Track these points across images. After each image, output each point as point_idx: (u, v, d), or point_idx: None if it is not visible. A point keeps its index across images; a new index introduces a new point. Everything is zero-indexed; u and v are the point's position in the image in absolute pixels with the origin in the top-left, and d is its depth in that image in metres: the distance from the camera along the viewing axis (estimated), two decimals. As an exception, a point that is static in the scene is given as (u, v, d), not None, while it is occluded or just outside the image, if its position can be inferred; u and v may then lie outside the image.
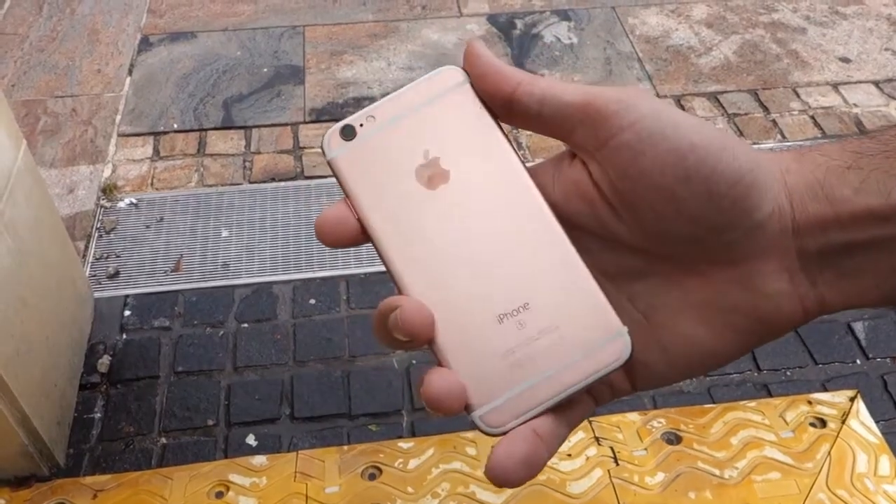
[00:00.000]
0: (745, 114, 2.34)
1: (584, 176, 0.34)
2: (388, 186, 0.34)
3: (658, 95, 2.40)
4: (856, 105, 2.38)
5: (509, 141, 0.35)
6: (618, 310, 0.33)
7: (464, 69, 0.35)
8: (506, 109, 0.34)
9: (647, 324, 0.34)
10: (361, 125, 0.35)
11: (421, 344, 0.33)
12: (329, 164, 0.35)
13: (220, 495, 1.33)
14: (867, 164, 0.31)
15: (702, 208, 0.31)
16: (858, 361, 1.67)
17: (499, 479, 0.31)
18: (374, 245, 0.34)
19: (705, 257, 0.33)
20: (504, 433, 0.32)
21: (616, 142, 0.32)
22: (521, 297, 0.33)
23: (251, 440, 1.52)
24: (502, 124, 0.35)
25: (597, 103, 0.32)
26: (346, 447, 1.36)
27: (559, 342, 0.33)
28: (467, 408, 0.33)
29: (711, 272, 0.33)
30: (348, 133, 0.35)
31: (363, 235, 0.34)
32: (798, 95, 2.41)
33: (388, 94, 0.35)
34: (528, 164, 0.35)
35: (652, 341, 0.34)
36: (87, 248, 1.90)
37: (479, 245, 0.33)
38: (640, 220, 0.33)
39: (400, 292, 0.34)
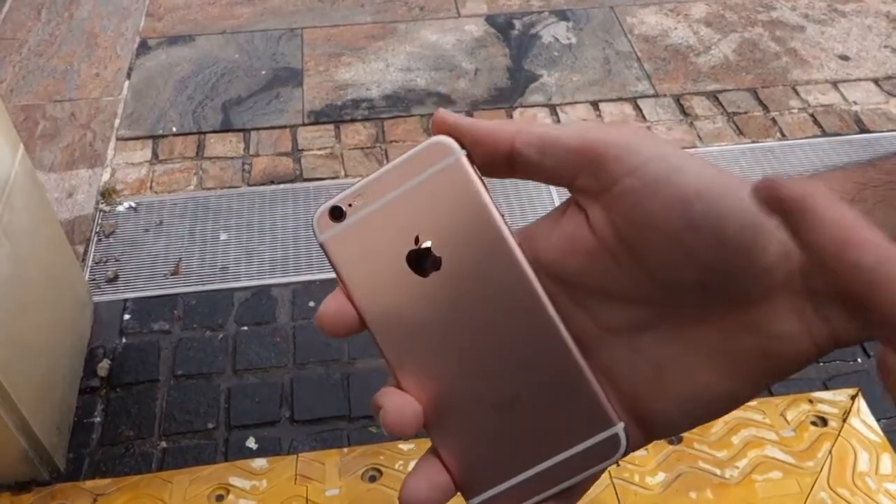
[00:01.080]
0: (745, 112, 2.34)
1: (583, 228, 0.33)
2: (378, 272, 0.33)
3: (657, 95, 2.40)
4: (855, 103, 2.37)
5: (505, 221, 0.33)
6: (625, 363, 0.33)
7: (455, 139, 0.33)
8: (507, 166, 0.33)
9: (657, 374, 0.33)
10: (350, 205, 0.33)
11: (406, 437, 0.33)
12: (321, 246, 0.34)
13: (220, 498, 1.32)
14: (871, 196, 0.31)
15: (710, 255, 0.30)
16: (859, 360, 1.67)
17: None
18: (368, 332, 0.33)
19: (712, 303, 0.32)
20: None
21: (619, 188, 0.31)
22: (513, 390, 0.32)
23: (251, 443, 1.52)
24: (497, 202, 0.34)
25: (597, 148, 0.32)
26: (346, 449, 1.36)
27: (553, 436, 0.32)
28: (464, 495, 0.33)
29: (718, 318, 0.32)
30: (337, 214, 0.33)
31: (362, 324, 0.33)
32: (797, 93, 2.40)
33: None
34: (535, 191, 0.34)
35: (663, 391, 0.33)
36: (86, 252, 1.90)
37: (472, 336, 0.33)
38: (645, 269, 0.32)
39: (395, 380, 0.33)
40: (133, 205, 2.02)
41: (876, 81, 2.45)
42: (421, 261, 0.33)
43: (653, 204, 0.31)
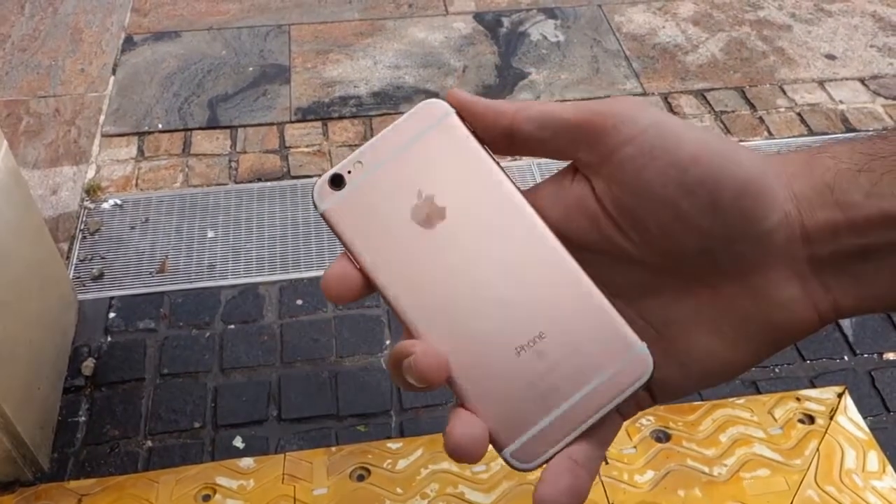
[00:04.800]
0: (732, 111, 2.35)
1: (588, 193, 0.33)
2: (385, 232, 0.33)
3: (645, 93, 2.40)
4: (841, 102, 2.38)
5: (501, 168, 0.34)
6: (631, 326, 0.33)
7: (449, 103, 0.34)
8: (507, 140, 0.34)
9: (661, 338, 0.33)
10: (350, 172, 0.34)
11: (436, 387, 0.32)
12: (322, 216, 0.34)
13: (206, 498, 1.31)
14: (879, 167, 0.30)
15: (708, 221, 0.31)
16: (846, 357, 1.68)
17: None
18: (380, 294, 0.33)
19: (714, 269, 0.32)
20: (537, 467, 0.32)
21: (618, 157, 0.32)
22: (535, 327, 0.32)
23: (238, 442, 1.51)
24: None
25: (595, 119, 0.32)
26: (334, 448, 1.35)
27: (580, 367, 0.32)
28: (496, 446, 0.32)
29: (721, 283, 0.32)
30: (337, 182, 0.34)
31: (368, 287, 0.33)
32: (784, 92, 2.41)
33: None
34: (531, 184, 0.34)
35: (667, 354, 0.33)
36: (70, 249, 1.88)
37: (486, 280, 0.33)
38: (646, 236, 0.32)
39: (412, 336, 0.33)
40: (119, 202, 2.01)
41: (862, 81, 2.47)
42: (425, 213, 0.33)
43: (651, 171, 0.31)
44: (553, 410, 0.32)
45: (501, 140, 0.34)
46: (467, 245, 0.33)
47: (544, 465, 0.32)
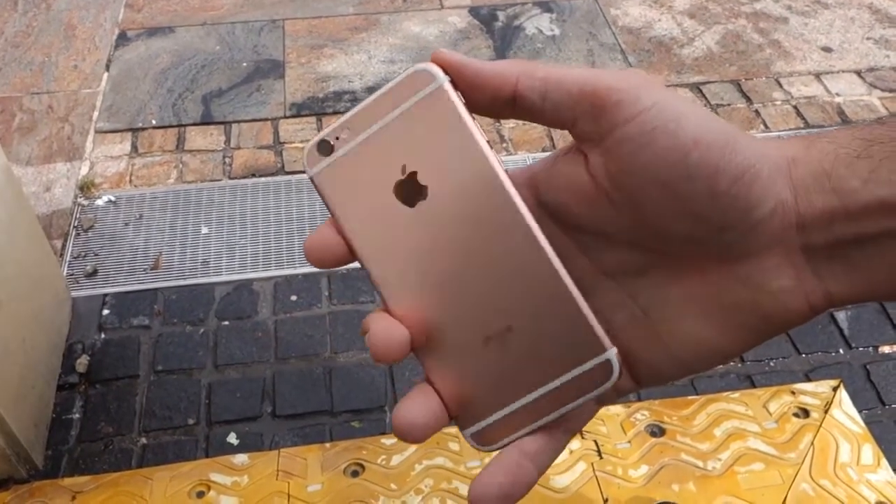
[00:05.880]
0: (728, 104, 2.34)
1: (582, 171, 0.32)
2: (368, 204, 0.33)
3: (641, 87, 2.40)
4: (838, 94, 2.38)
5: (491, 149, 0.33)
6: (619, 307, 0.33)
7: (442, 68, 0.33)
8: (508, 108, 0.33)
9: (649, 320, 0.33)
10: (337, 138, 0.33)
11: (392, 363, 0.32)
12: (311, 181, 0.34)
13: (201, 495, 1.31)
14: (878, 153, 0.30)
15: (703, 206, 0.30)
16: (841, 351, 1.67)
17: None
18: (359, 262, 0.33)
19: (706, 254, 0.32)
20: (495, 450, 0.32)
21: (618, 134, 0.31)
22: (505, 319, 0.32)
23: (232, 439, 1.51)
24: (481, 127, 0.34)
25: (599, 93, 0.31)
26: (328, 444, 1.35)
27: (546, 364, 0.32)
28: (459, 425, 0.33)
29: (713, 269, 0.32)
30: (324, 149, 0.33)
31: (349, 255, 0.33)
32: (780, 85, 2.41)
33: (369, 87, 0.34)
34: (524, 162, 0.34)
35: (654, 338, 0.33)
36: (64, 246, 1.88)
37: (461, 266, 0.32)
38: (639, 215, 0.32)
39: (386, 308, 0.33)
40: (112, 198, 2.00)
41: (859, 73, 2.46)
42: (407, 191, 0.33)
43: (650, 152, 0.30)
44: (514, 402, 0.32)
45: (502, 107, 0.33)
46: (445, 228, 0.32)
47: (499, 451, 0.32)
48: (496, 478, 0.31)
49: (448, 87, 0.32)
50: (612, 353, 0.32)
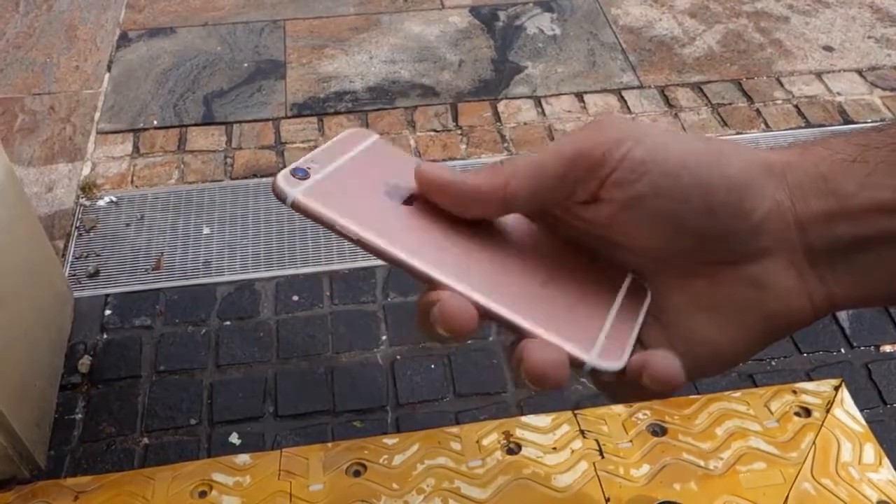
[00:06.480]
0: (729, 104, 2.34)
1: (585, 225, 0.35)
2: (372, 206, 0.34)
3: (642, 86, 2.40)
4: (839, 94, 2.38)
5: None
6: None
7: (426, 182, 0.36)
8: (503, 210, 0.35)
9: (658, 325, 0.34)
10: (309, 168, 0.35)
11: (465, 334, 0.31)
12: (293, 206, 0.34)
13: (203, 495, 1.31)
14: (873, 158, 0.30)
15: (702, 222, 0.31)
16: (843, 350, 1.67)
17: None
18: (384, 258, 0.33)
19: (712, 260, 0.32)
20: (621, 368, 0.31)
21: (609, 181, 0.32)
22: (543, 273, 0.34)
23: (234, 439, 1.51)
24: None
25: (584, 156, 0.32)
26: (330, 444, 1.35)
27: (599, 291, 0.34)
28: (576, 363, 0.31)
29: (719, 273, 0.32)
30: (301, 174, 0.35)
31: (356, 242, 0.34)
32: (781, 85, 2.41)
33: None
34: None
35: (664, 342, 0.33)
36: (66, 247, 1.88)
37: (480, 246, 0.34)
38: (645, 241, 0.33)
39: (434, 289, 0.32)
40: (114, 199, 2.00)
41: (860, 72, 2.46)
42: (401, 193, 0.35)
43: (643, 185, 0.31)
44: (606, 318, 0.33)
45: (495, 213, 0.35)
46: (448, 222, 0.35)
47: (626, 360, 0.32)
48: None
49: (382, 140, 0.39)
50: (631, 277, 0.35)
